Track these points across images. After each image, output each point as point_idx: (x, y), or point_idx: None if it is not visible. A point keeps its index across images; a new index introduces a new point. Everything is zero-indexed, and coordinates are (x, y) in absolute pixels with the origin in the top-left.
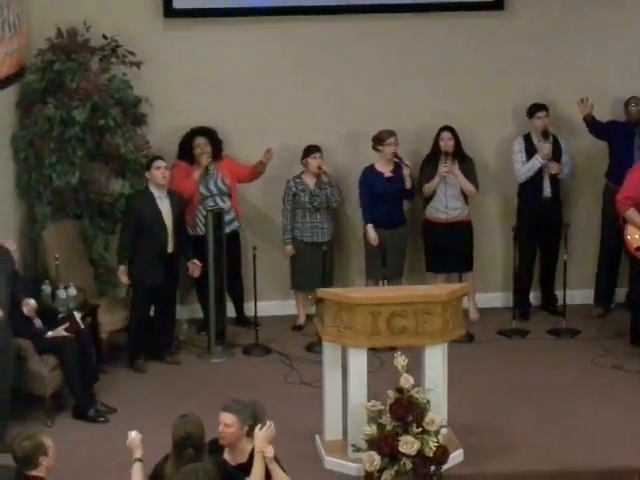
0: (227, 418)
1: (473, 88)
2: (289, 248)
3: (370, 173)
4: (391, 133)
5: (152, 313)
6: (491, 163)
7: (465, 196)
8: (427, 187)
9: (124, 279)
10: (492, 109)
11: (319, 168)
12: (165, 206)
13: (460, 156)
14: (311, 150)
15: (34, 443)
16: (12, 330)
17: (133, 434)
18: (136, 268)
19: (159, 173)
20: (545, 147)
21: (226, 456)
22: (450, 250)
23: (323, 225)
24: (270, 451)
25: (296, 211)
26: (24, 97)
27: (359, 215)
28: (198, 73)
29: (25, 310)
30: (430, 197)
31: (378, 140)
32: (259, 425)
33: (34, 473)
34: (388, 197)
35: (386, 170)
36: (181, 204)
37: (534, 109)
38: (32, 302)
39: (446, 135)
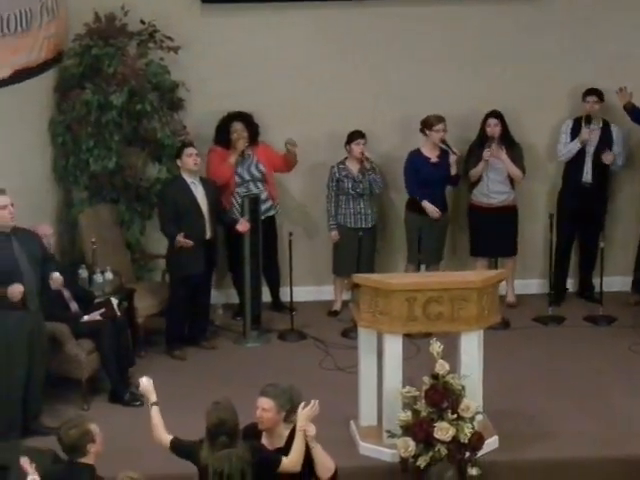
0: (265, 403)
1: (521, 74)
2: (334, 234)
3: (416, 157)
4: (440, 119)
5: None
6: (538, 149)
7: (512, 181)
8: (473, 172)
9: (186, 241)
10: (539, 94)
11: (362, 155)
12: (199, 192)
13: (507, 141)
14: (355, 136)
15: (81, 431)
16: (48, 314)
17: (144, 380)
18: (175, 256)
19: (191, 160)
20: (585, 132)
21: (264, 441)
22: (494, 235)
23: (366, 211)
24: (312, 430)
25: (340, 197)
26: (62, 82)
27: (402, 200)
28: (235, 58)
29: (52, 284)
30: (476, 182)
31: (427, 124)
32: (303, 403)
33: (83, 460)
34: (433, 182)
35: (432, 155)
36: (214, 189)
37: (586, 93)
38: (57, 275)
39: (492, 121)
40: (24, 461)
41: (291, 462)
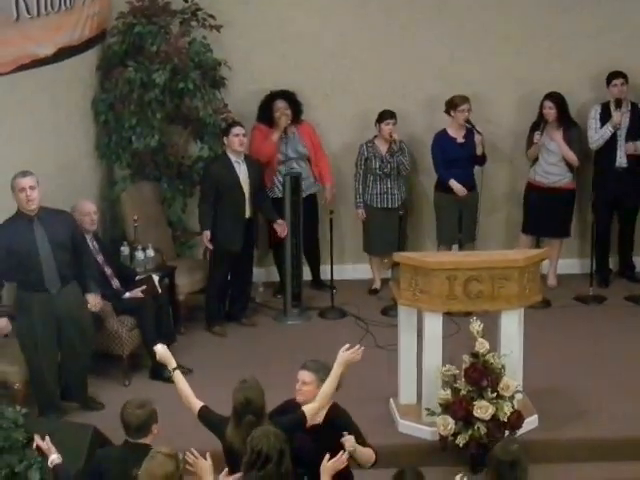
0: (306, 376)
1: (558, 54)
2: (360, 212)
3: (442, 138)
4: (465, 99)
5: (229, 277)
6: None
7: (570, 164)
8: (530, 152)
9: (209, 244)
10: (577, 75)
11: (390, 136)
12: (242, 171)
13: (565, 123)
14: (385, 116)
15: (148, 411)
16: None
17: (159, 347)
18: (216, 234)
19: (237, 140)
20: (616, 115)
21: None
22: (545, 215)
23: (393, 191)
24: (351, 441)
25: (367, 176)
26: (105, 60)
27: (430, 181)
28: (277, 36)
29: (90, 308)
30: (534, 161)
31: (452, 105)
32: (347, 345)
33: (142, 441)
34: (459, 162)
35: (458, 135)
36: (258, 168)
37: (611, 76)
38: (92, 298)
39: (548, 104)
40: (39, 439)
41: (323, 396)
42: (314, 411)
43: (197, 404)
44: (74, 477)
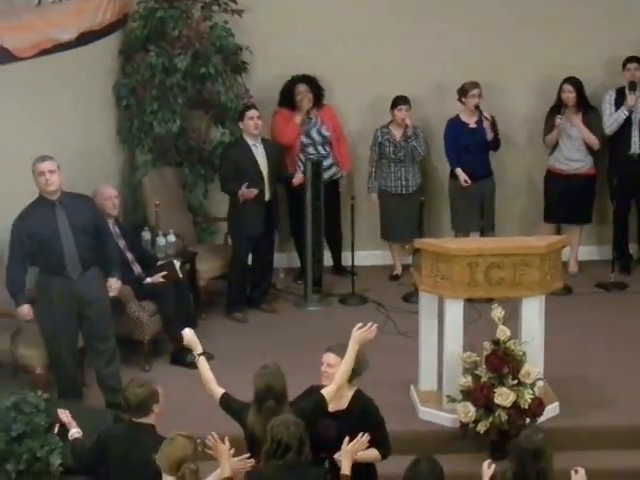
0: (331, 358)
1: (576, 39)
2: (373, 196)
3: (455, 124)
4: (475, 85)
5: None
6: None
7: (590, 149)
8: (548, 139)
9: (250, 191)
10: (595, 61)
11: (403, 121)
12: (260, 154)
13: (584, 107)
14: (398, 101)
15: (147, 390)
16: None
17: (187, 331)
18: (236, 218)
19: (252, 123)
20: (630, 98)
21: None
22: (567, 202)
23: (407, 177)
24: (346, 467)
25: (382, 161)
26: (127, 45)
27: (445, 166)
28: (298, 21)
29: (110, 292)
30: (554, 148)
31: (462, 91)
32: (359, 324)
33: (144, 420)
34: (472, 148)
35: (470, 121)
36: (277, 151)
37: (626, 61)
38: (113, 281)
39: (567, 87)
40: (65, 414)
41: (339, 376)
42: (333, 393)
43: (219, 391)
44: (85, 453)
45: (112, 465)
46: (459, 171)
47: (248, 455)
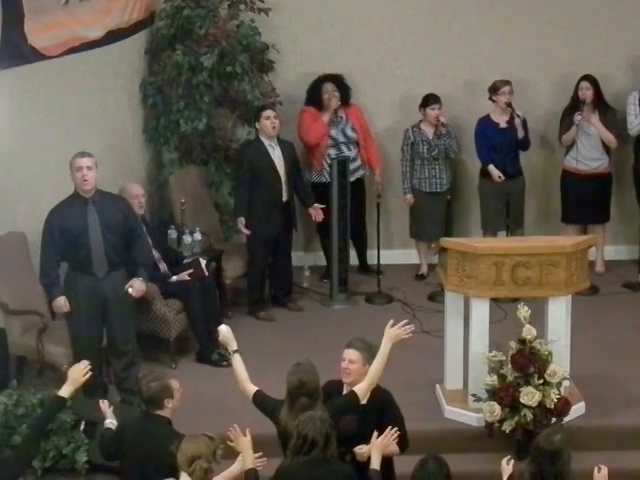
0: (352, 354)
1: (605, 37)
2: (409, 197)
3: (485, 123)
4: (506, 82)
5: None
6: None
7: (607, 148)
8: (565, 137)
9: (245, 230)
10: (621, 59)
11: (437, 120)
12: (277, 155)
13: (601, 106)
14: (430, 100)
15: (161, 385)
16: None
17: (223, 328)
18: (253, 219)
19: (269, 123)
20: None
21: None
22: (586, 201)
23: (441, 175)
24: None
25: (415, 160)
26: (153, 43)
27: (476, 165)
28: (325, 20)
29: (133, 294)
30: (570, 147)
31: (493, 89)
32: (391, 321)
33: (158, 413)
34: (503, 148)
35: (501, 120)
36: (292, 151)
37: None
38: (138, 284)
39: (585, 84)
40: (104, 404)
41: (373, 374)
42: (366, 390)
43: (252, 389)
44: (108, 442)
45: (127, 455)
46: (492, 167)
47: (260, 454)
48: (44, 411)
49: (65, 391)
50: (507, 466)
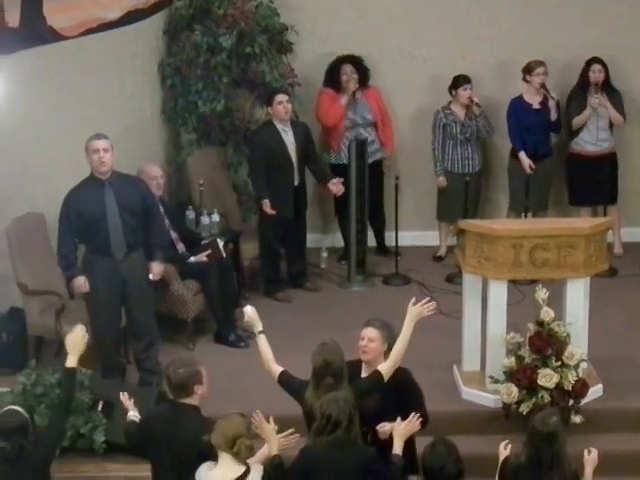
0: (371, 332)
1: (622, 19)
2: (441, 179)
3: (518, 104)
4: (540, 63)
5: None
6: (638, 95)
7: (611, 128)
8: (577, 120)
9: (271, 211)
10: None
11: (470, 100)
12: (289, 139)
13: (608, 88)
14: (461, 81)
15: (190, 371)
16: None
17: (248, 309)
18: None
19: (281, 108)
20: None
21: (364, 376)
22: (596, 182)
23: (473, 156)
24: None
25: (446, 142)
26: (172, 24)
27: (507, 146)
28: (344, 1)
29: (152, 277)
30: (578, 130)
31: (527, 70)
32: (414, 299)
33: (187, 401)
34: (535, 129)
35: (534, 101)
36: (306, 134)
37: None
38: (156, 265)
39: (597, 67)
40: (124, 397)
41: (397, 352)
42: (390, 370)
43: (277, 369)
44: (134, 434)
45: (157, 446)
46: (522, 156)
47: (292, 430)
48: (63, 389)
49: (71, 361)
50: (504, 450)
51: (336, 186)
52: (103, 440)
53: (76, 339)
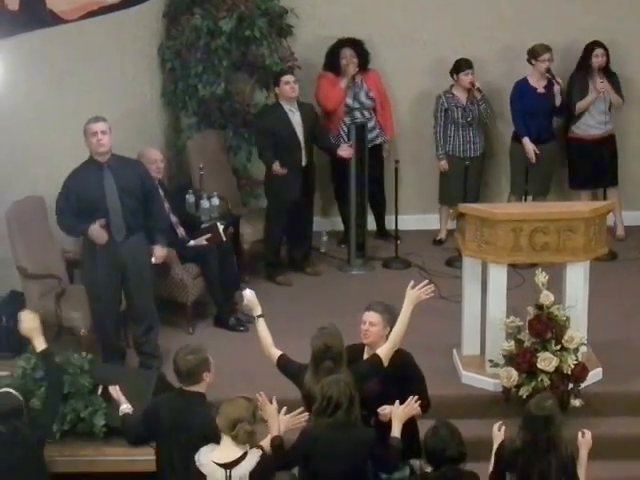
0: (372, 317)
1: (622, 3)
2: (443, 163)
3: (523, 87)
4: (547, 48)
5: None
6: (636, 78)
7: (609, 111)
8: (581, 104)
9: (281, 170)
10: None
11: (472, 85)
12: (297, 120)
13: (607, 72)
14: (462, 66)
15: (199, 358)
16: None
17: (248, 292)
18: (272, 183)
19: (288, 88)
20: None
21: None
22: (597, 165)
23: (475, 140)
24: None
25: (448, 126)
26: (172, 7)
27: (509, 130)
28: None
29: (154, 260)
30: (580, 113)
31: (533, 54)
32: (412, 282)
33: (194, 389)
34: (538, 113)
35: (539, 85)
36: (313, 115)
37: None
38: (158, 249)
39: (600, 51)
40: (114, 390)
41: (396, 336)
42: (389, 353)
43: (276, 353)
44: (135, 425)
45: (164, 435)
46: (526, 141)
47: (301, 409)
48: (48, 372)
49: (38, 343)
50: (498, 432)
51: (346, 151)
52: (103, 424)
53: (29, 324)
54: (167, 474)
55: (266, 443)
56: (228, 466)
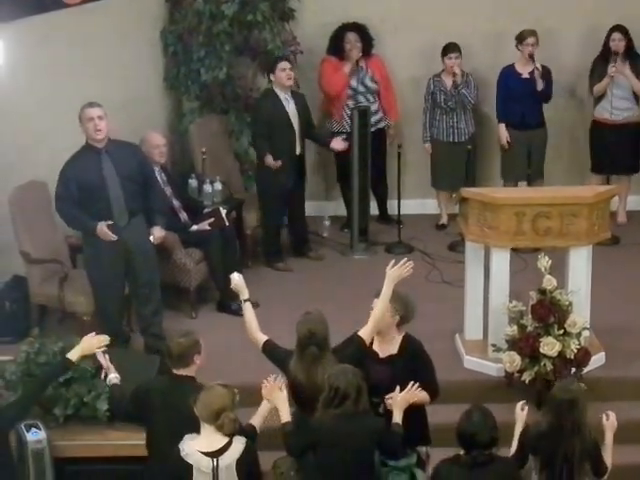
0: None
1: None
2: (427, 146)
3: (508, 72)
4: (531, 32)
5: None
6: None
7: (636, 97)
8: (597, 88)
9: (275, 163)
10: None
11: (452, 69)
12: (291, 108)
13: (631, 56)
14: (448, 49)
15: (190, 341)
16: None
17: (235, 276)
18: (266, 171)
19: (284, 75)
20: None
21: (376, 347)
22: (616, 151)
23: (459, 125)
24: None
25: (435, 110)
26: None
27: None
28: None
29: (153, 240)
30: (600, 97)
31: (519, 38)
32: (392, 261)
33: (184, 372)
34: (522, 98)
35: (524, 71)
36: (304, 103)
37: None
38: (157, 230)
39: (617, 36)
40: (102, 357)
41: (375, 315)
42: (369, 331)
43: (262, 338)
44: (123, 402)
45: (154, 418)
46: (502, 127)
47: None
48: (50, 370)
49: (74, 355)
50: (521, 412)
51: (339, 143)
52: (106, 408)
53: (92, 345)
54: (156, 457)
55: (257, 423)
56: (214, 454)
